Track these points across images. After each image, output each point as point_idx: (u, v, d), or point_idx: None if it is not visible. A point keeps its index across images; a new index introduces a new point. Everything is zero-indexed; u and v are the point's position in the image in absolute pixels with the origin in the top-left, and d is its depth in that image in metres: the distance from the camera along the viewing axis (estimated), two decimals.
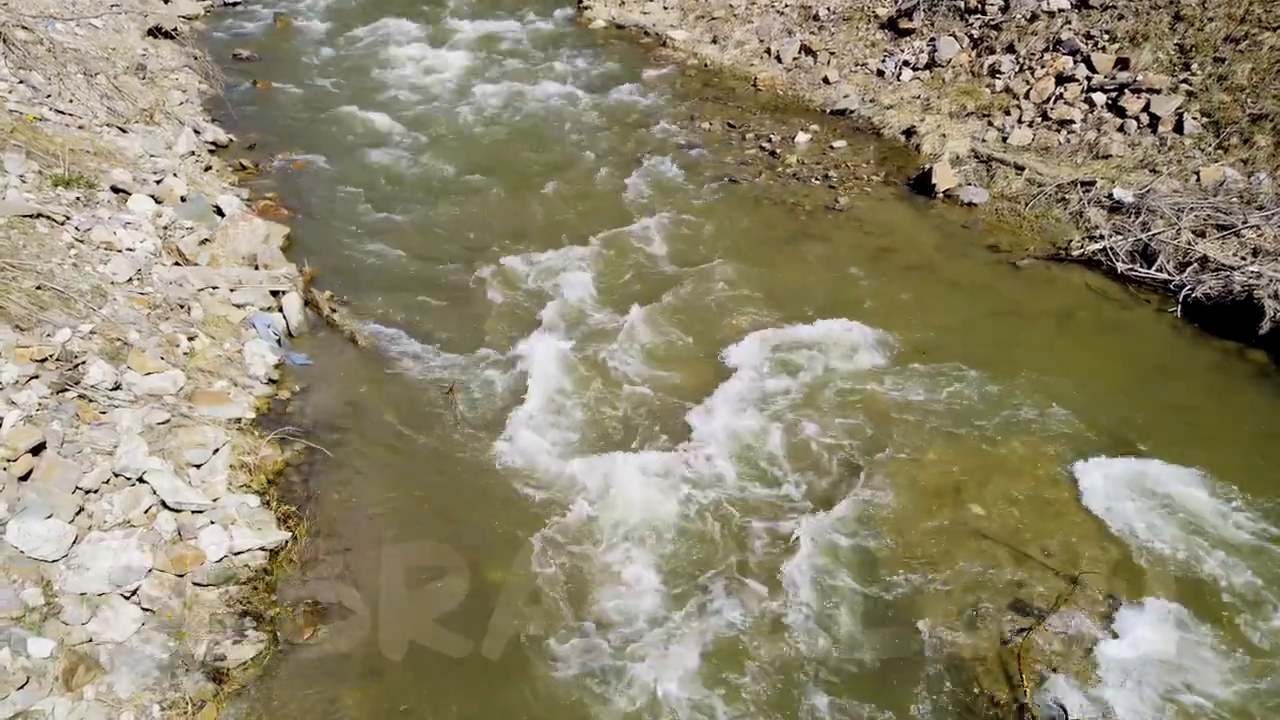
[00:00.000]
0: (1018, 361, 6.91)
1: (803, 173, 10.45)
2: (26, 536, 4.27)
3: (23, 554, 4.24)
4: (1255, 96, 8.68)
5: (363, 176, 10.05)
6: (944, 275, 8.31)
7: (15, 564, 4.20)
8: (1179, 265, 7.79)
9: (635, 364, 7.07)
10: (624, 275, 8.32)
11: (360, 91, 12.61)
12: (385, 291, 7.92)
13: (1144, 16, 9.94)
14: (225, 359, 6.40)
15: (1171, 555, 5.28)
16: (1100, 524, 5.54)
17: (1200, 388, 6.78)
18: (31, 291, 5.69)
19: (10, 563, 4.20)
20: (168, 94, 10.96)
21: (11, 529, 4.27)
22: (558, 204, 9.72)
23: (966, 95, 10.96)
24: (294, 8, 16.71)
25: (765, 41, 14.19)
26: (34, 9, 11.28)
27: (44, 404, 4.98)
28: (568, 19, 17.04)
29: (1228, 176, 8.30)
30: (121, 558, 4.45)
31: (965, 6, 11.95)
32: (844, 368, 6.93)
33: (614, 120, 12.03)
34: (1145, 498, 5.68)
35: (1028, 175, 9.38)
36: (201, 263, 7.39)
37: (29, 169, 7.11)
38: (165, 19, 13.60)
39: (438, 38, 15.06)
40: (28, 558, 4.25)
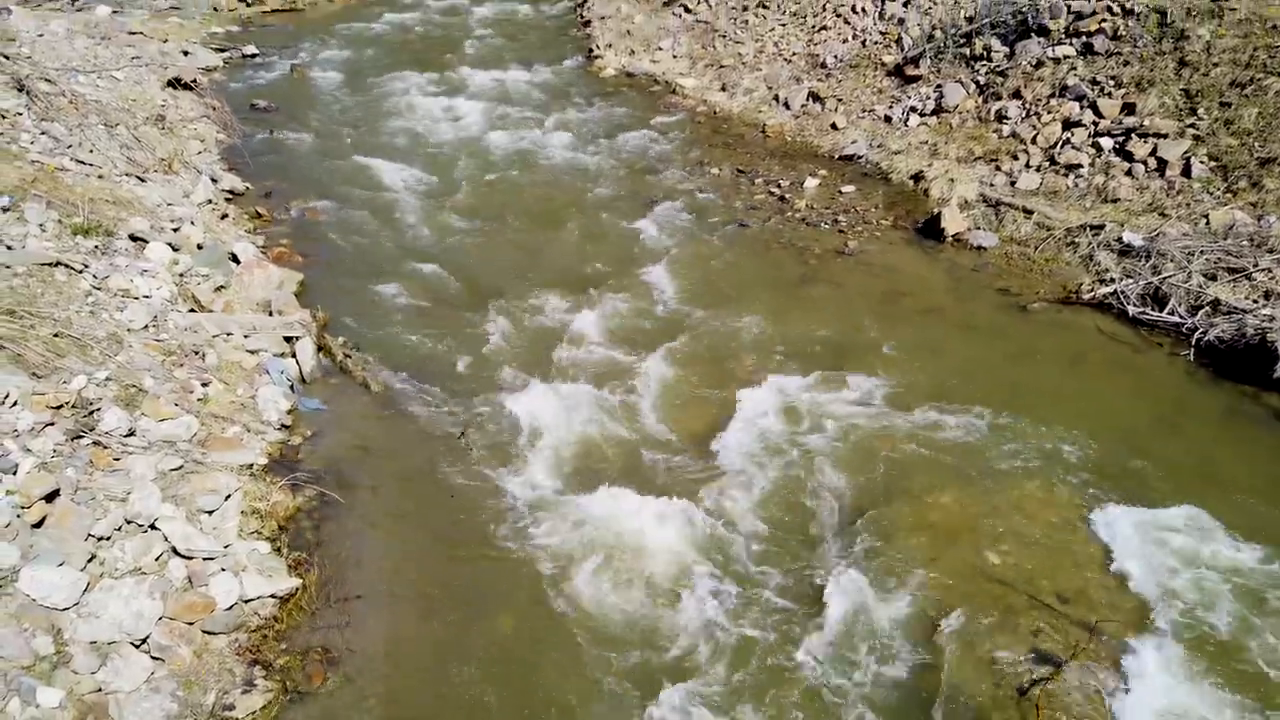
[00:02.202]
0: (1030, 405, 6.88)
1: (812, 217, 10.52)
2: (38, 584, 4.27)
3: (34, 602, 4.24)
4: (1262, 140, 8.73)
5: (376, 223, 10.18)
6: (955, 319, 8.31)
7: (27, 612, 4.20)
8: (1191, 308, 7.78)
9: (647, 407, 7.07)
10: (635, 318, 8.36)
11: (374, 140, 12.81)
12: (398, 336, 7.97)
13: (1149, 62, 10.04)
14: (239, 405, 6.43)
15: (1188, 602, 5.20)
16: (1117, 570, 5.47)
17: (1215, 432, 6.72)
18: (49, 339, 5.75)
19: (22, 611, 4.19)
20: (186, 144, 11.15)
21: (24, 576, 4.27)
22: (569, 248, 9.81)
23: (974, 140, 11.05)
24: (310, 59, 17.06)
25: (773, 89, 14.37)
26: (58, 62, 11.55)
27: (59, 451, 5.01)
28: (578, 67, 17.33)
29: (1237, 219, 8.32)
30: (132, 605, 4.44)
31: (971, 53, 12.09)
32: (856, 411, 6.91)
33: (624, 166, 12.17)
34: (1161, 543, 5.61)
35: (1036, 219, 9.42)
36: (216, 309, 7.47)
37: (49, 218, 7.23)
38: (185, 71, 13.89)
39: (451, 87, 15.33)
40: (39, 605, 4.25)
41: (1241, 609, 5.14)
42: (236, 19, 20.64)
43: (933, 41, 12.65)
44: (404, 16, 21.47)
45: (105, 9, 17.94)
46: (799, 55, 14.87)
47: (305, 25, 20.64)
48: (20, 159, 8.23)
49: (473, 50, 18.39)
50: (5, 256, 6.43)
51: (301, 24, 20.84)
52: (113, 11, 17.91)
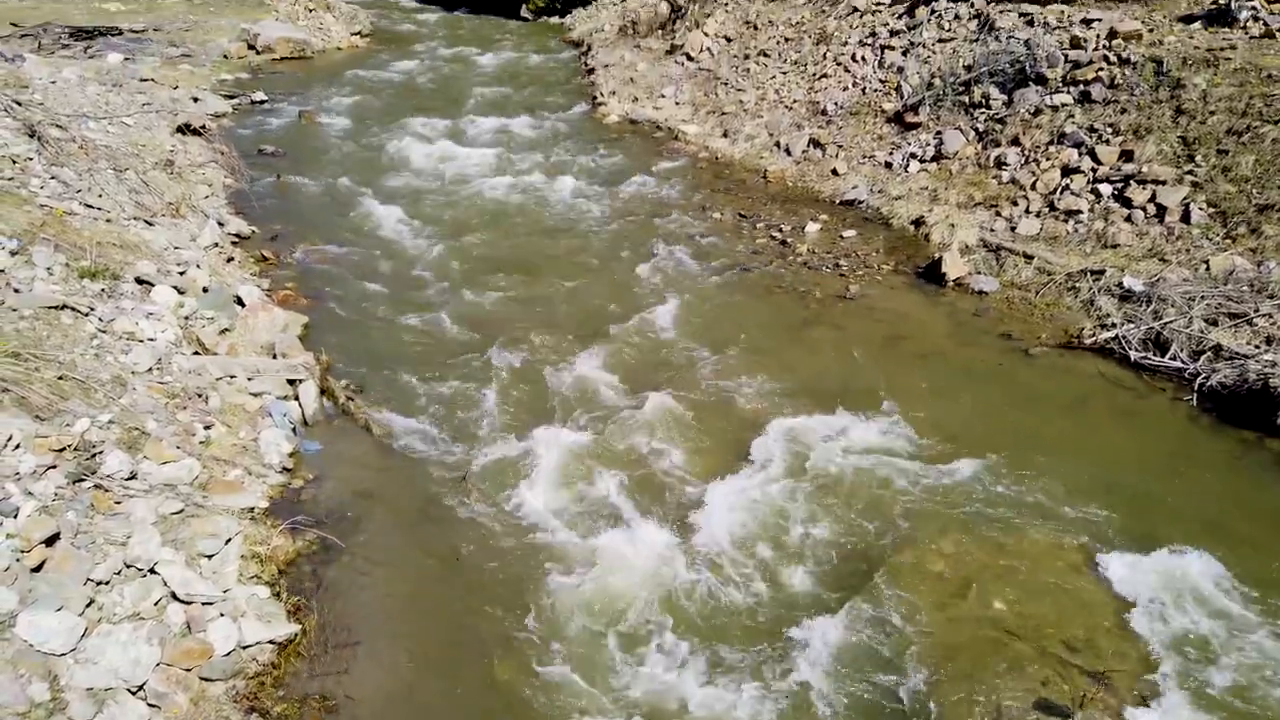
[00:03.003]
0: (1034, 450, 6.87)
1: (813, 261, 10.59)
2: (36, 630, 4.23)
3: (31, 647, 4.20)
4: (1260, 187, 8.81)
5: (381, 267, 10.25)
6: (957, 363, 8.33)
7: (23, 658, 4.16)
8: (1192, 353, 7.79)
9: (649, 450, 7.06)
10: (637, 362, 8.38)
11: (380, 185, 12.95)
12: (401, 379, 7.99)
13: (1146, 110, 10.17)
14: (240, 448, 6.43)
15: (1196, 651, 5.14)
16: (1123, 617, 5.41)
17: (1220, 478, 6.69)
18: (53, 381, 5.77)
19: (18, 656, 4.15)
20: (194, 188, 11.28)
21: (22, 621, 4.24)
22: (572, 292, 9.86)
23: (973, 186, 11.16)
24: (319, 105, 17.31)
25: (775, 135, 14.55)
26: (69, 108, 11.74)
27: (60, 494, 5.00)
28: (582, 114, 17.58)
29: (1237, 265, 8.36)
30: (130, 651, 4.40)
31: (970, 101, 12.26)
32: (858, 455, 6.89)
33: (627, 211, 12.28)
34: (1169, 591, 5.55)
35: (1037, 264, 9.47)
36: (221, 352, 7.50)
37: (57, 261, 7.29)
38: (194, 117, 14.10)
39: (456, 133, 15.54)
40: (36, 651, 4.21)
41: (1249, 657, 5.08)
42: (246, 66, 21.00)
43: (932, 89, 12.83)
44: (411, 64, 21.85)
45: (117, 56, 18.27)
46: (800, 102, 15.07)
47: (314, 73, 20.98)
48: (30, 203, 8.32)
49: (478, 97, 18.67)
50: (12, 300, 6.48)
51: (310, 71, 21.19)
52: (124, 59, 18.24)
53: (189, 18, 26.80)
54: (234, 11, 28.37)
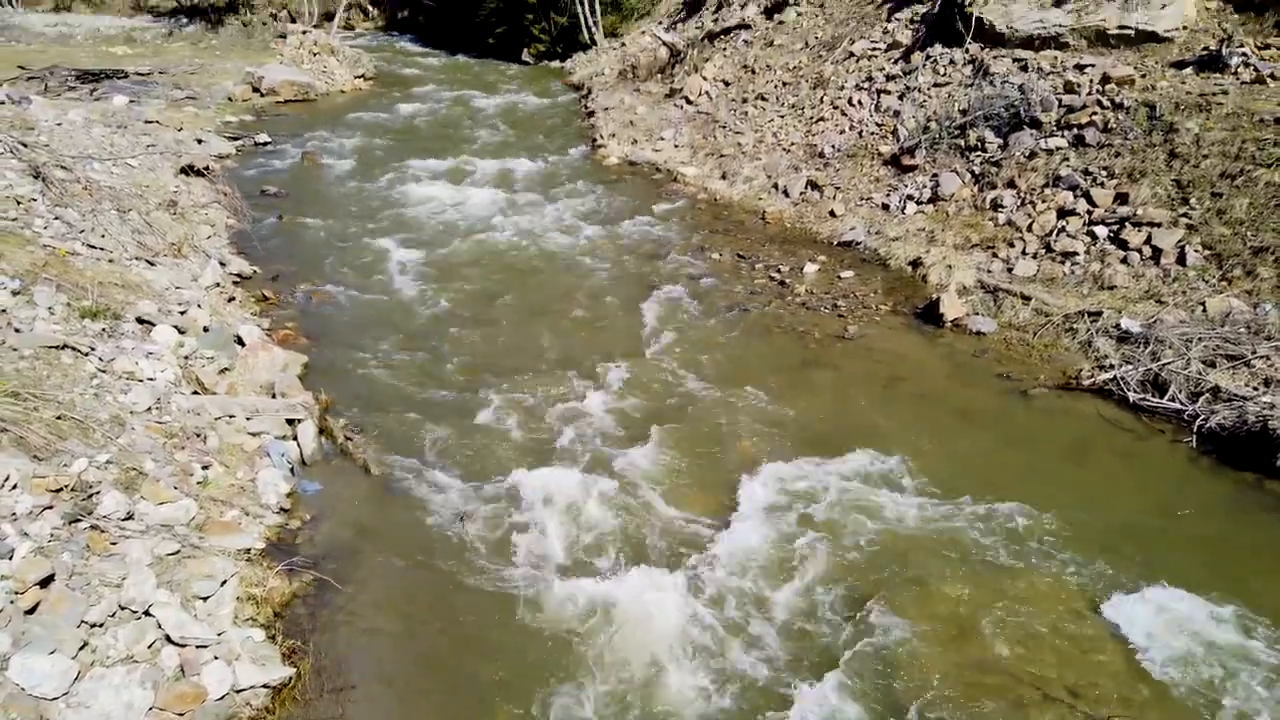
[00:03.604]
0: (1034, 492, 6.84)
1: (812, 302, 10.63)
2: (28, 673, 4.19)
3: (23, 691, 4.15)
4: (1255, 230, 8.88)
5: (381, 306, 10.29)
6: (955, 404, 8.33)
7: (15, 702, 4.11)
8: (1191, 395, 7.80)
9: (648, 490, 7.03)
10: (637, 401, 8.37)
11: (381, 225, 13.05)
12: (400, 419, 7.98)
13: (1140, 154, 10.28)
14: (238, 488, 6.41)
15: (1200, 694, 5.08)
16: (1126, 660, 5.36)
17: (1221, 519, 6.66)
18: (52, 421, 5.77)
19: (10, 700, 4.10)
20: (197, 228, 11.36)
21: (14, 664, 4.20)
22: (571, 332, 9.89)
23: (970, 228, 11.25)
24: (322, 146, 17.50)
25: (773, 177, 14.69)
26: (74, 150, 11.86)
27: (56, 535, 4.97)
28: (582, 156, 17.76)
29: (1233, 307, 8.41)
30: (123, 695, 4.35)
31: (965, 144, 12.40)
32: (858, 497, 6.86)
33: (627, 251, 12.36)
34: (1172, 634, 5.51)
35: (1034, 305, 9.52)
36: (220, 391, 7.50)
37: (58, 301, 7.32)
38: (198, 158, 14.24)
39: (458, 174, 15.69)
40: (28, 695, 4.16)
41: (1255, 700, 5.02)
42: (250, 108, 21.27)
43: (928, 133, 12.98)
44: (414, 107, 22.12)
45: (123, 99, 18.50)
46: (797, 145, 15.24)
47: (317, 115, 21.24)
48: (33, 243, 8.38)
49: (480, 139, 18.88)
50: (13, 339, 6.49)
51: (313, 113, 21.45)
52: (130, 101, 18.47)
53: (194, 61, 27.21)
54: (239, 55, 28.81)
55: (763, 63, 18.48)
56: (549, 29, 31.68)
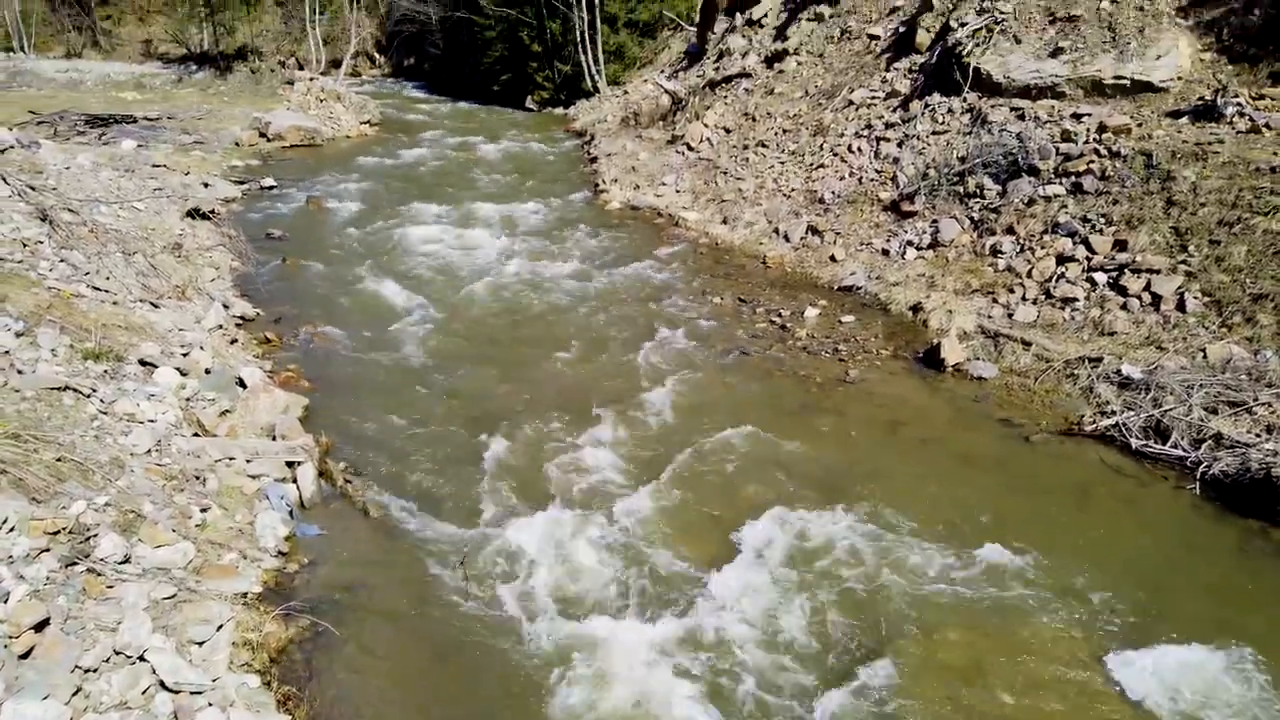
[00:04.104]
0: (1038, 539, 6.79)
1: (813, 346, 10.66)
2: (21, 719, 4.13)
3: None
4: (1253, 277, 8.93)
5: (383, 349, 10.32)
6: (957, 449, 8.30)
7: None
8: (1193, 441, 7.78)
9: (648, 535, 6.98)
10: (637, 445, 8.36)
11: (385, 269, 13.13)
12: (399, 462, 7.96)
13: (1138, 202, 10.37)
14: (236, 531, 6.37)
15: None
16: (1133, 711, 5.28)
17: (1226, 568, 6.60)
18: (51, 463, 5.75)
19: None
20: (201, 271, 11.43)
21: (6, 710, 4.14)
22: (572, 375, 9.90)
23: (970, 274, 11.31)
24: (326, 191, 17.67)
25: (773, 222, 14.81)
26: (82, 193, 11.98)
27: (52, 578, 4.93)
28: (585, 201, 17.93)
29: (1234, 354, 8.42)
30: None
31: (964, 191, 12.51)
32: (860, 543, 6.81)
33: (628, 295, 12.42)
34: (1177, 683, 5.43)
35: (1035, 351, 9.53)
36: (221, 434, 7.49)
37: (61, 343, 7.34)
38: (204, 201, 14.39)
39: (461, 218, 15.82)
40: None
41: None
42: (257, 153, 21.52)
43: (927, 179, 13.11)
44: (418, 152, 22.38)
45: (131, 143, 18.73)
46: (798, 191, 15.39)
47: (323, 159, 21.48)
48: (38, 285, 8.43)
49: (483, 184, 19.08)
50: (15, 381, 6.50)
51: (319, 158, 21.70)
52: (138, 145, 18.69)
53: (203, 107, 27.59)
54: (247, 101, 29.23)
55: (763, 110, 18.73)
56: (553, 77, 32.21)
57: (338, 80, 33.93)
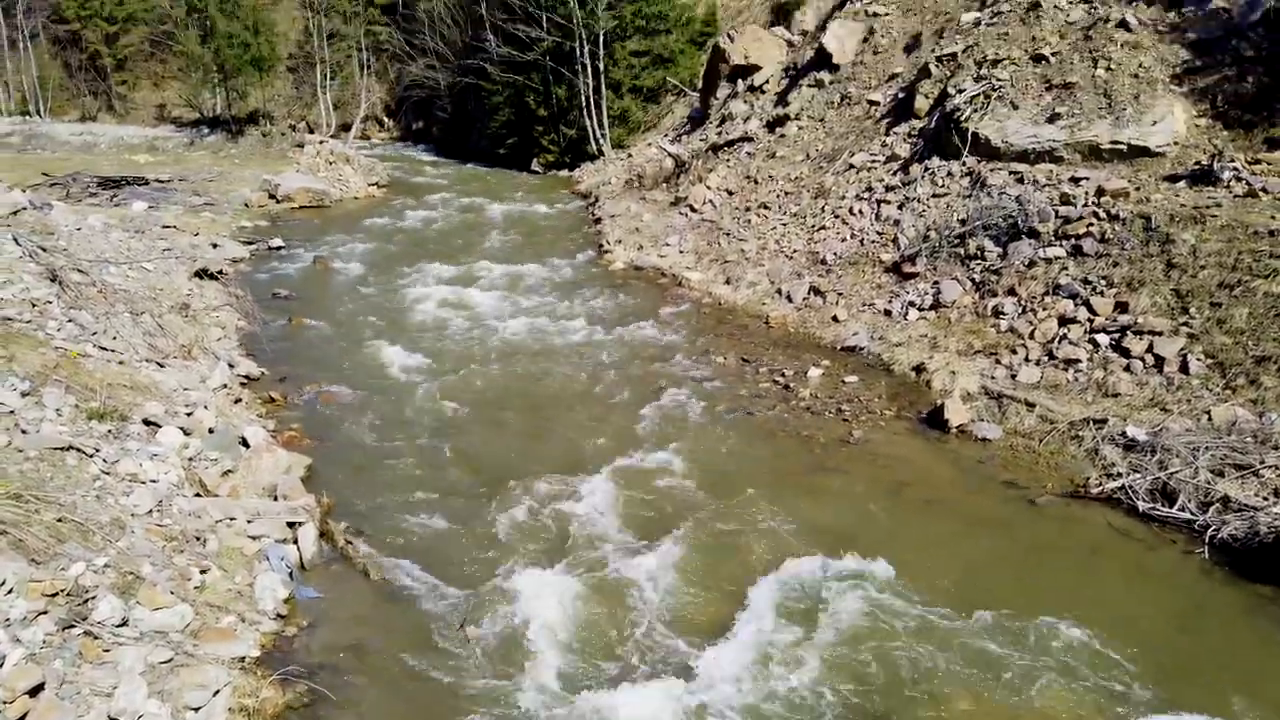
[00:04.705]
0: (1045, 604, 6.69)
1: (816, 406, 10.65)
2: None
3: None
4: (1255, 339, 8.94)
5: (387, 408, 10.33)
6: (963, 512, 8.24)
7: None
8: (1201, 504, 7.71)
9: (652, 598, 6.90)
10: (639, 506, 8.30)
11: (389, 328, 13.21)
12: (401, 522, 7.91)
13: (1138, 264, 10.44)
14: (235, 593, 6.31)
15: None
16: None
17: (1238, 634, 6.49)
18: (52, 524, 5.73)
19: None
20: (208, 330, 11.52)
21: None
22: (575, 434, 9.88)
23: (973, 335, 11.34)
24: (334, 251, 17.86)
25: (776, 283, 14.91)
26: (91, 254, 12.12)
27: (49, 641, 4.88)
28: (589, 261, 18.09)
29: (1239, 416, 8.39)
30: None
31: (965, 253, 12.62)
32: (866, 606, 6.72)
33: (632, 354, 12.46)
34: None
35: (1039, 412, 9.52)
36: (222, 494, 7.47)
37: (66, 403, 7.37)
38: (212, 262, 14.56)
39: (466, 278, 15.97)
40: None
41: None
42: (266, 214, 21.83)
43: (928, 241, 13.23)
44: (425, 214, 22.67)
45: (141, 204, 19.02)
46: (800, 252, 15.52)
47: (331, 221, 21.76)
48: (45, 345, 8.49)
49: (488, 245, 19.29)
50: (19, 440, 6.52)
51: (327, 219, 21.98)
52: (149, 207, 18.97)
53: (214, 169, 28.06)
54: (258, 164, 29.72)
55: (765, 173, 19.00)
56: (558, 140, 32.76)
57: (347, 143, 34.55)
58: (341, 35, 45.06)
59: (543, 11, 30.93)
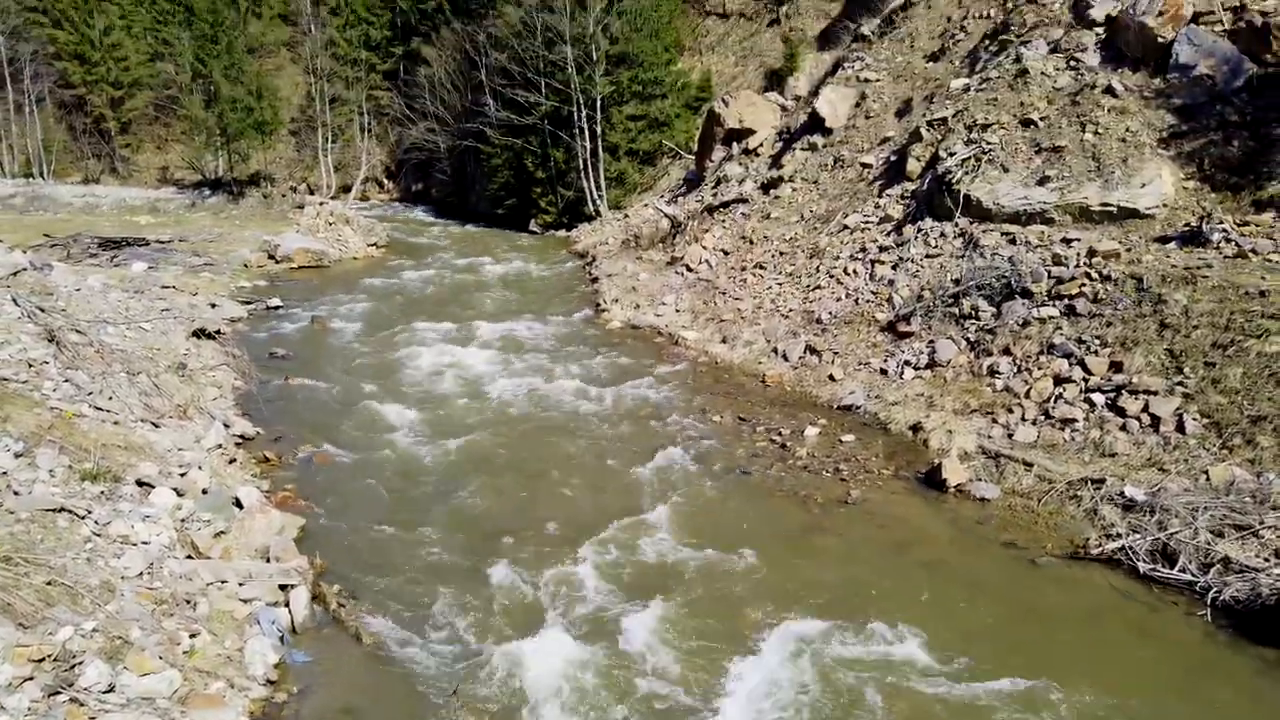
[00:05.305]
0: (1047, 668, 6.58)
1: (813, 465, 10.61)
2: None
3: None
4: (1251, 400, 8.96)
5: (382, 468, 10.28)
6: (962, 573, 8.16)
7: None
8: (1202, 566, 7.65)
9: (648, 662, 6.79)
10: (636, 568, 8.22)
11: (386, 387, 13.21)
12: (394, 584, 7.82)
13: (1131, 324, 10.52)
14: (225, 658, 6.20)
15: None
16: None
17: (1243, 699, 6.38)
18: (41, 587, 5.66)
19: None
20: (204, 390, 11.51)
21: None
22: (571, 494, 9.83)
23: (969, 394, 11.36)
24: (332, 311, 17.94)
25: (772, 342, 14.98)
26: (90, 314, 12.17)
27: (34, 708, 4.78)
28: (586, 320, 18.19)
29: (1237, 476, 8.37)
30: None
31: (959, 312, 12.71)
32: (864, 671, 6.62)
33: (628, 413, 12.44)
34: None
35: (1037, 472, 9.49)
36: (214, 555, 7.39)
37: (59, 464, 7.34)
38: (210, 322, 14.61)
39: (464, 337, 16.02)
40: None
41: None
42: (265, 274, 21.97)
43: (922, 301, 13.34)
44: (423, 273, 22.84)
45: (141, 265, 19.16)
46: (795, 311, 15.62)
47: (329, 280, 21.91)
48: (40, 406, 8.47)
49: (486, 304, 19.40)
50: (11, 502, 6.47)
51: (326, 279, 22.13)
52: (148, 267, 19.10)
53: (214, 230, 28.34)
54: (258, 224, 30.03)
55: (760, 234, 19.21)
56: (556, 201, 33.19)
57: (347, 204, 34.97)
58: (343, 100, 45.89)
59: (541, 77, 31.57)
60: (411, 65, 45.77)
